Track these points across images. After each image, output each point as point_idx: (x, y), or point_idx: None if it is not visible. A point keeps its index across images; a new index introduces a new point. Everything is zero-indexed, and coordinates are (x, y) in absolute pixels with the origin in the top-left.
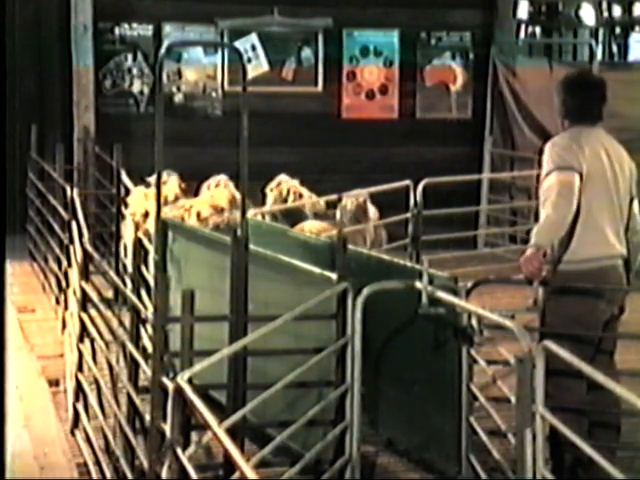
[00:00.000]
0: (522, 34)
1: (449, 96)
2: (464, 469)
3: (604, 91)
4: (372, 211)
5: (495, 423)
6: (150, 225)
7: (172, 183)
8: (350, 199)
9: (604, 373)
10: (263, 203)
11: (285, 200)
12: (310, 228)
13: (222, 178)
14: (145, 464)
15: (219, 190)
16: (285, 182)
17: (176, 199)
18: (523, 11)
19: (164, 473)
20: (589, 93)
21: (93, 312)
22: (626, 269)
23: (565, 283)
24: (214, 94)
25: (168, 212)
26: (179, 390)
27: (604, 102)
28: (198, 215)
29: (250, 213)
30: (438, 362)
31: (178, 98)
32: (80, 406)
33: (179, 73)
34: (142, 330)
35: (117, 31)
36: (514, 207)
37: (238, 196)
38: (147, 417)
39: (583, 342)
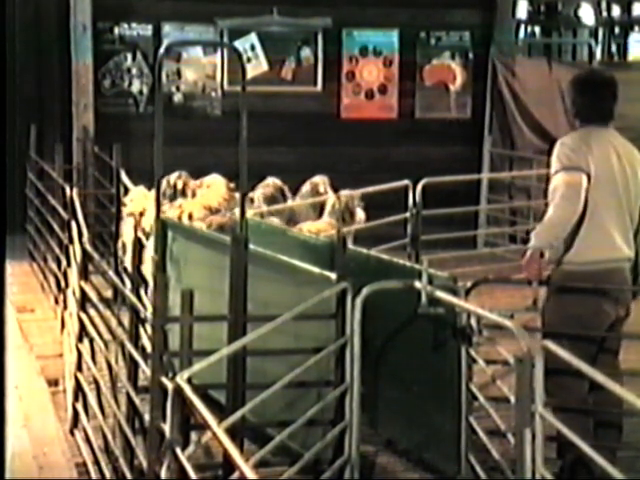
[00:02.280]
0: (521, 34)
1: (448, 96)
2: (463, 469)
3: (614, 90)
4: (359, 214)
5: (494, 423)
6: (146, 223)
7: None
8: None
9: (607, 373)
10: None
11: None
12: (309, 228)
13: (216, 177)
14: (144, 464)
15: (211, 190)
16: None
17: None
18: (522, 11)
19: (163, 473)
20: (599, 92)
21: (92, 312)
22: (634, 272)
23: (568, 283)
24: (213, 94)
25: (166, 212)
26: (178, 390)
27: (615, 101)
28: (190, 216)
29: (249, 213)
30: (437, 362)
31: (177, 98)
32: (79, 406)
33: (178, 73)
34: (141, 330)
35: (116, 31)
36: (514, 207)
37: (233, 195)
38: (146, 417)
39: (583, 342)
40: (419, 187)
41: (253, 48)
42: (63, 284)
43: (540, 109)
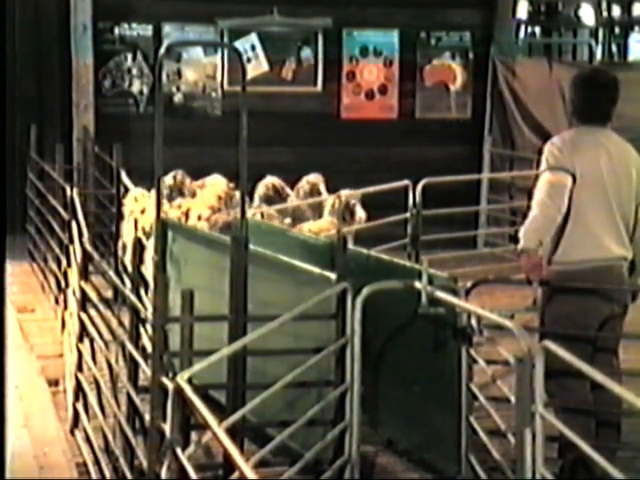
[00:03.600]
0: (522, 34)
1: (449, 96)
2: (464, 469)
3: (614, 92)
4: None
5: (495, 423)
6: (145, 222)
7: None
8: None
9: (604, 372)
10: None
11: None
12: (310, 227)
13: (216, 177)
14: (145, 464)
15: (208, 190)
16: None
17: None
18: (522, 11)
19: (164, 473)
20: (597, 93)
21: (92, 312)
22: (631, 271)
23: (557, 282)
24: (214, 94)
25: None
26: (179, 390)
27: (613, 103)
28: (199, 217)
29: (250, 213)
30: (438, 362)
31: (178, 98)
32: (80, 406)
33: (179, 73)
34: (142, 330)
35: (117, 31)
36: (514, 207)
37: (230, 193)
38: (147, 417)
39: (576, 341)
40: (419, 187)
41: (253, 48)
42: (63, 284)
43: (540, 109)
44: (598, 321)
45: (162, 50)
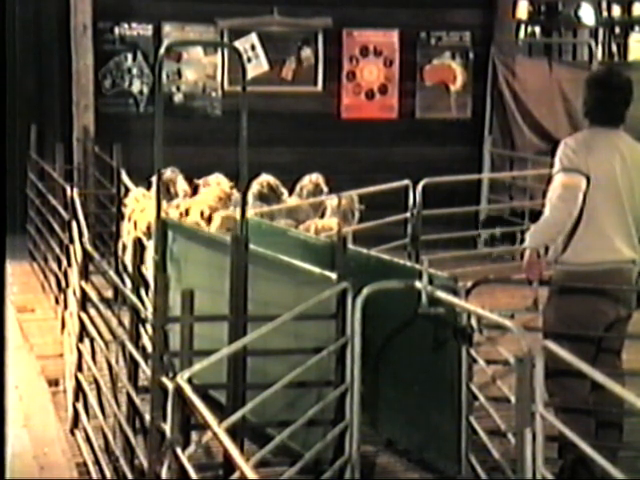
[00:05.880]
0: (522, 34)
1: (449, 96)
2: (464, 469)
3: (627, 94)
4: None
5: (495, 423)
6: (144, 222)
7: (181, 182)
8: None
9: (608, 373)
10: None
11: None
12: (323, 225)
13: (218, 177)
14: (145, 464)
15: (208, 190)
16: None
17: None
18: (522, 11)
19: (164, 473)
20: (610, 94)
21: (93, 312)
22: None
23: (565, 283)
24: (214, 94)
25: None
26: (179, 390)
27: (627, 105)
28: (202, 214)
29: (250, 212)
30: (438, 362)
31: (178, 98)
32: (80, 406)
33: (179, 73)
34: (142, 330)
35: (117, 31)
36: (514, 207)
37: (227, 192)
38: (147, 417)
39: (582, 341)
40: (419, 187)
41: (253, 48)
42: (63, 284)
43: (540, 109)
44: (604, 324)
45: (162, 50)
